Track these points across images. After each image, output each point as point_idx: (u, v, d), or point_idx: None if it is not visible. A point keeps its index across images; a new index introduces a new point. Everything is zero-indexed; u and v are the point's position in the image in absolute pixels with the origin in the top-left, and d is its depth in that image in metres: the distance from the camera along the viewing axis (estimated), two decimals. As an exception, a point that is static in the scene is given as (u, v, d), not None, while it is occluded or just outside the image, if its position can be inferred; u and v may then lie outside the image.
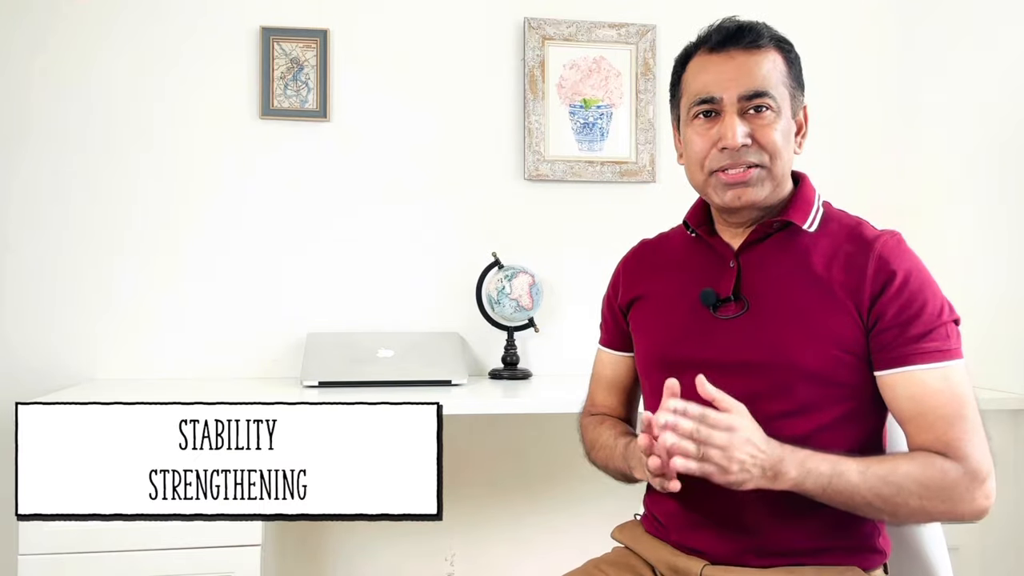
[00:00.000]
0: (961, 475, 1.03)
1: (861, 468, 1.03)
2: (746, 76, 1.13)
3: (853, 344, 1.10)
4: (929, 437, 1.06)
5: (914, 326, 1.07)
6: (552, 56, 2.22)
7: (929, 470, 1.03)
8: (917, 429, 1.07)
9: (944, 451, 1.05)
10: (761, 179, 1.14)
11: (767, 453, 1.01)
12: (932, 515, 1.06)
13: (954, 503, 1.04)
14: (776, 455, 1.02)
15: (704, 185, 1.18)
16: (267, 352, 2.11)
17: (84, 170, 2.05)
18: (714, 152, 1.15)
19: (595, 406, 1.38)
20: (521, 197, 2.22)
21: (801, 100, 1.20)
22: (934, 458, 1.05)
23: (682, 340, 1.19)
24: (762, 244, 1.18)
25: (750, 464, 1.00)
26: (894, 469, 1.04)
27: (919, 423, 1.07)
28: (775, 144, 1.13)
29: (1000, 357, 1.98)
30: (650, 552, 1.21)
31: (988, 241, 2.03)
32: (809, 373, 1.10)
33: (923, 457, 1.05)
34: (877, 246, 1.11)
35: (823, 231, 1.17)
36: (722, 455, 0.99)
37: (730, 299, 1.17)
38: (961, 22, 2.16)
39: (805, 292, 1.12)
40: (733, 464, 0.99)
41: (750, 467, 1.00)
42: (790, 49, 1.19)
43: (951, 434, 1.05)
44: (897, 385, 1.08)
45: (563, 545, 1.90)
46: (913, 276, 1.09)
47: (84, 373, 2.04)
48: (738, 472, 1.00)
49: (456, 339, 2.10)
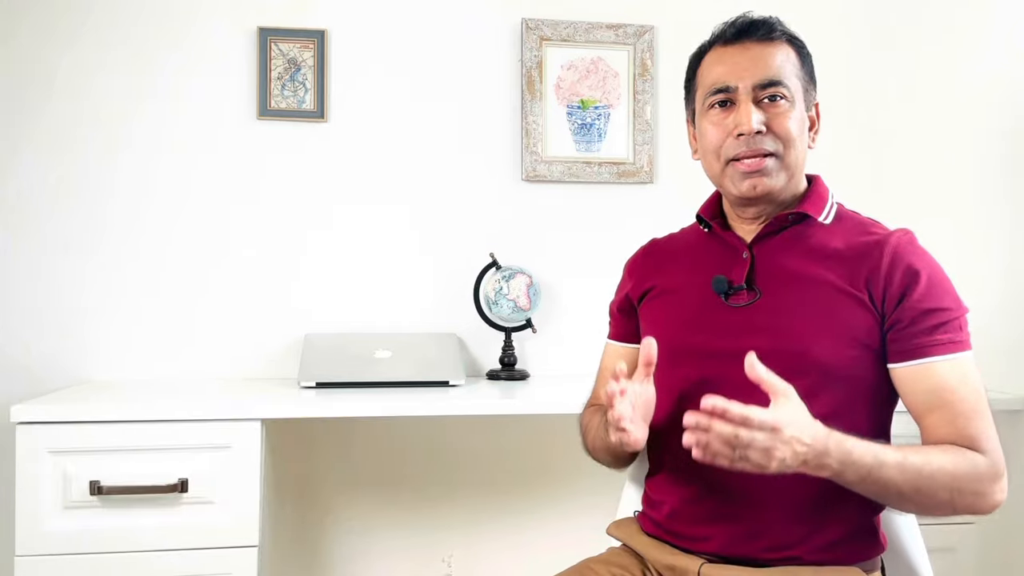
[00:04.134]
0: (987, 468, 1.04)
1: (899, 459, 1.02)
2: (761, 66, 1.16)
3: (866, 336, 1.10)
4: (951, 431, 1.06)
5: (931, 319, 1.08)
6: (550, 57, 2.21)
7: (962, 464, 1.04)
8: (936, 423, 1.08)
9: (969, 445, 1.05)
10: (776, 168, 1.16)
11: (811, 447, 0.98)
12: (957, 508, 1.05)
13: (978, 496, 1.04)
14: (820, 447, 0.98)
15: (721, 175, 1.19)
16: (264, 353, 2.11)
17: (80, 170, 2.05)
18: (730, 140, 1.16)
19: (598, 400, 1.38)
20: (519, 198, 2.21)
21: (813, 96, 1.22)
22: (964, 451, 1.05)
23: (693, 328, 1.19)
24: (776, 236, 1.19)
25: (791, 460, 0.97)
26: (928, 461, 1.03)
27: (938, 417, 1.07)
28: (789, 132, 1.15)
29: (999, 357, 1.98)
30: (647, 550, 1.21)
31: (987, 240, 2.04)
32: (820, 361, 1.10)
33: (955, 450, 1.05)
34: (892, 241, 1.12)
35: (837, 225, 1.18)
36: (763, 455, 0.96)
37: (742, 287, 1.17)
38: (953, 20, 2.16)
39: (818, 283, 1.13)
40: (772, 461, 0.96)
41: (790, 462, 0.97)
42: (802, 45, 1.21)
43: (972, 428, 1.06)
44: (914, 378, 1.09)
45: (561, 546, 1.89)
46: (930, 271, 1.11)
47: (79, 375, 2.03)
48: (777, 467, 0.97)
49: (454, 340, 2.10)
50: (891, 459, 1.02)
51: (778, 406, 0.98)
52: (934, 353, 1.07)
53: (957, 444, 1.06)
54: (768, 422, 0.95)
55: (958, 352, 1.08)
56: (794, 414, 0.98)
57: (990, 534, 1.92)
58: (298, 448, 2.10)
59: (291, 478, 2.09)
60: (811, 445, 0.98)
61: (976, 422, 1.06)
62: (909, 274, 1.09)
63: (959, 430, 1.06)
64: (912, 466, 1.02)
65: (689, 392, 1.13)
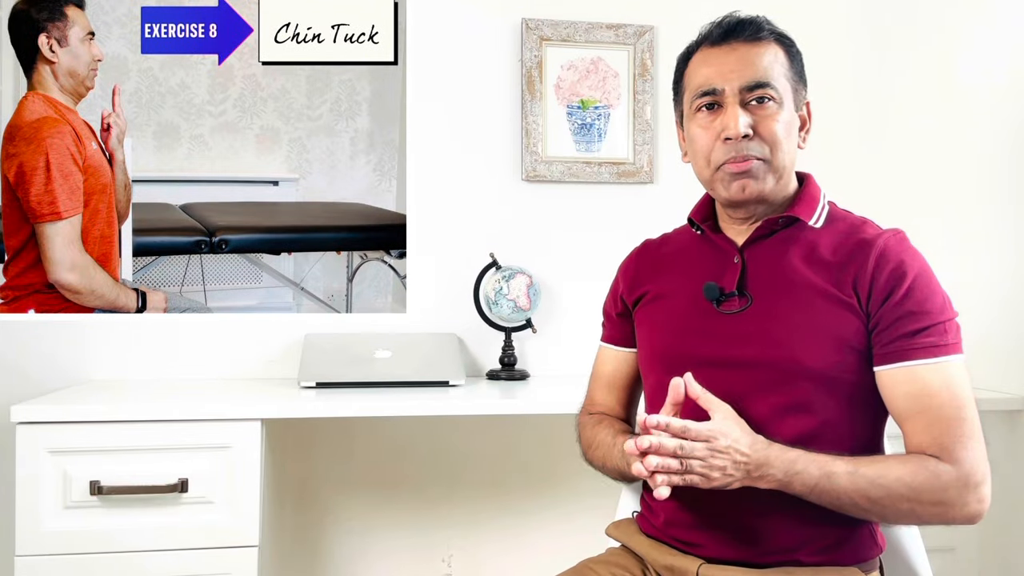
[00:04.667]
0: (954, 479, 1.03)
1: (850, 470, 1.03)
2: (748, 67, 1.14)
3: (855, 340, 1.10)
4: (926, 439, 1.06)
5: (914, 321, 1.07)
6: (550, 57, 2.21)
7: (921, 474, 1.03)
8: (914, 429, 1.07)
9: (939, 454, 1.05)
10: (764, 171, 1.15)
11: (750, 457, 1.03)
12: (923, 518, 1.06)
13: (945, 507, 1.04)
14: (760, 457, 1.03)
15: (711, 180, 1.19)
16: (264, 353, 2.11)
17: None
18: (718, 145, 1.15)
19: (594, 405, 1.38)
20: (519, 198, 2.21)
21: (804, 95, 1.21)
22: (927, 460, 1.04)
23: (684, 335, 1.19)
24: (767, 240, 1.19)
25: (732, 469, 1.02)
26: (884, 472, 1.04)
27: (917, 423, 1.07)
28: (776, 135, 1.14)
29: (997, 357, 1.98)
30: (646, 550, 1.21)
31: (986, 240, 2.04)
32: (811, 368, 1.10)
33: (916, 460, 1.05)
34: (880, 242, 1.12)
35: (828, 228, 1.17)
36: (702, 465, 1.01)
37: (734, 294, 1.17)
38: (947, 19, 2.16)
39: (810, 288, 1.12)
40: (714, 472, 1.02)
41: (732, 472, 1.03)
42: (791, 44, 1.19)
43: (947, 437, 1.05)
44: (896, 381, 1.08)
45: (561, 546, 1.89)
46: (916, 272, 1.09)
47: (79, 375, 2.03)
48: (720, 478, 1.02)
49: (454, 340, 2.10)
50: (841, 469, 1.03)
51: (714, 420, 1.04)
52: (917, 356, 1.07)
53: (930, 452, 1.05)
54: (703, 432, 1.02)
55: (942, 356, 1.07)
56: (730, 426, 1.04)
57: (990, 534, 1.92)
58: (298, 448, 2.10)
59: (291, 478, 2.09)
60: (749, 455, 1.03)
61: (954, 430, 1.05)
62: (895, 275, 1.09)
63: (935, 438, 1.05)
64: (864, 477, 1.03)
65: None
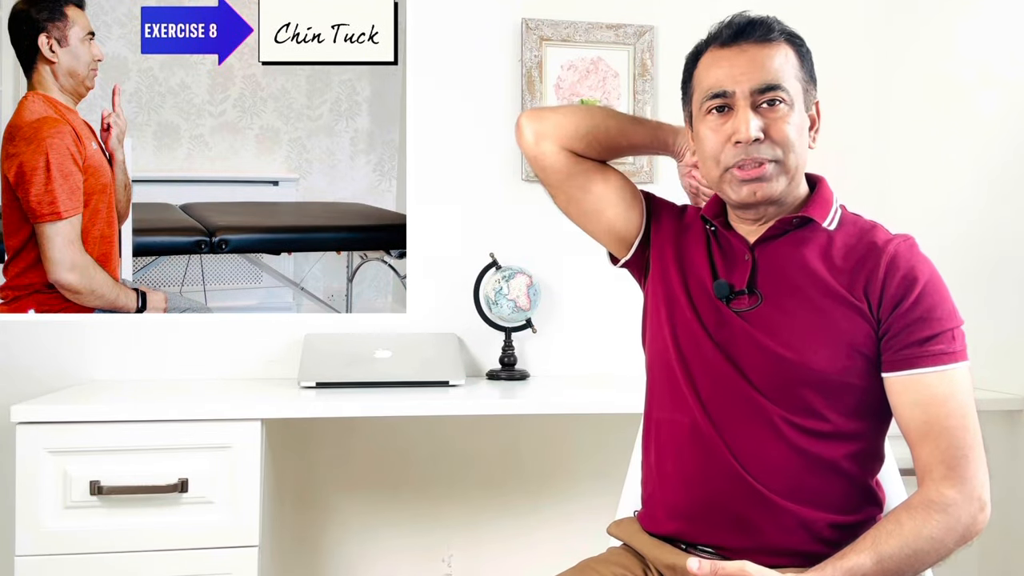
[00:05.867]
0: (962, 504, 1.05)
1: (874, 559, 1.02)
2: (758, 69, 1.13)
3: (864, 344, 1.10)
4: (934, 454, 1.06)
5: (924, 328, 1.08)
6: (550, 57, 2.21)
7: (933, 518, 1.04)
8: (921, 441, 1.08)
9: (947, 474, 1.05)
10: (776, 174, 1.14)
11: None
12: (950, 553, 1.06)
13: (962, 535, 1.05)
14: None
15: (720, 182, 1.18)
16: (264, 353, 2.11)
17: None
18: (728, 147, 1.14)
19: None
20: (519, 197, 2.21)
21: (814, 95, 1.20)
22: (930, 499, 1.05)
23: (694, 333, 1.18)
24: (779, 240, 1.18)
25: None
26: (902, 537, 1.03)
27: (923, 435, 1.07)
28: (788, 138, 1.13)
29: (997, 357, 1.98)
30: (648, 549, 1.21)
31: (986, 239, 2.04)
32: (818, 373, 1.10)
33: (923, 506, 1.05)
34: (890, 248, 1.11)
35: (840, 231, 1.17)
36: None
37: (744, 292, 1.16)
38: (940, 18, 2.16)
39: (820, 290, 1.12)
40: None
41: None
42: (801, 43, 1.18)
43: (954, 452, 1.06)
44: (904, 389, 1.08)
45: (561, 546, 1.89)
46: (926, 279, 1.09)
47: (79, 375, 2.03)
48: None
49: (454, 340, 2.10)
50: (866, 562, 1.01)
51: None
52: (925, 364, 1.07)
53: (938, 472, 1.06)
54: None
55: (949, 364, 1.07)
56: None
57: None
58: (298, 448, 2.10)
59: (291, 478, 2.09)
60: None
61: (960, 444, 1.06)
62: (905, 281, 1.09)
63: (943, 453, 1.06)
64: (891, 559, 1.02)
65: None
